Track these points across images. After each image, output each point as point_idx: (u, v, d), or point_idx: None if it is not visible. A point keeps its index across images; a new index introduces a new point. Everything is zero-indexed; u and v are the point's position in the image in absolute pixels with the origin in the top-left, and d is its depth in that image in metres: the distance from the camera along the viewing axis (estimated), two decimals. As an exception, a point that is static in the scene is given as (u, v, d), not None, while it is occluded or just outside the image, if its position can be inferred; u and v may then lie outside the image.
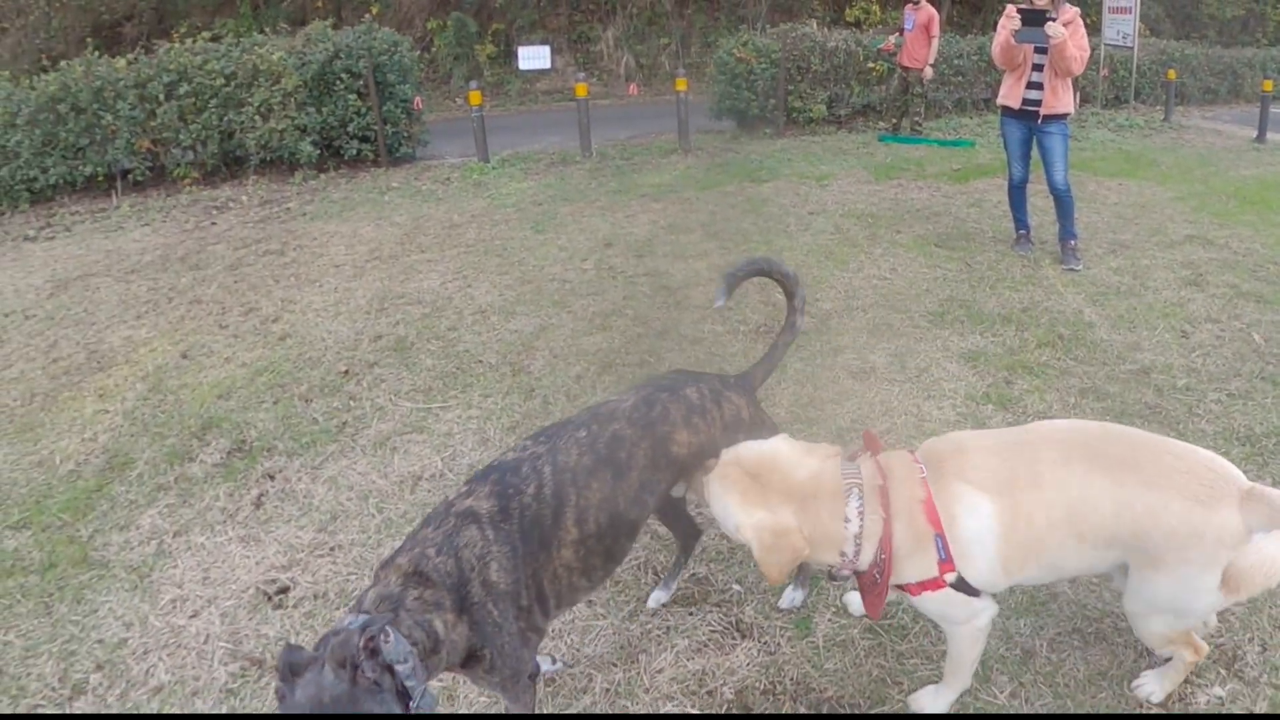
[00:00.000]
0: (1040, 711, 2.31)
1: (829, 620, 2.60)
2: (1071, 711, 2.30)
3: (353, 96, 9.09)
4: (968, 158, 8.83)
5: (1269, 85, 11.10)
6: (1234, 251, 5.45)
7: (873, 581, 1.93)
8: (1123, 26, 12.85)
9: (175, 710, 2.43)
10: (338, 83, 9.06)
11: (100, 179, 8.64)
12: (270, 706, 2.39)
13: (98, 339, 4.90)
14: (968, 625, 2.03)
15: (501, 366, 4.24)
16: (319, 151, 9.00)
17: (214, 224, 7.27)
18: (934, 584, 1.91)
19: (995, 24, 5.69)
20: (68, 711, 2.45)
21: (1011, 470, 1.92)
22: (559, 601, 1.84)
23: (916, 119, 10.64)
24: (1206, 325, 4.37)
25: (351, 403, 3.91)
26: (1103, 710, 2.30)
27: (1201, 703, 2.26)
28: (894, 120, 10.81)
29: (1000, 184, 6.59)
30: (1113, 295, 4.86)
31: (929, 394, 3.83)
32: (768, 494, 1.87)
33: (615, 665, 2.45)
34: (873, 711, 2.30)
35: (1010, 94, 5.51)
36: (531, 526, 1.73)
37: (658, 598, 2.66)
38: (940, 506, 1.89)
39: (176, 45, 9.08)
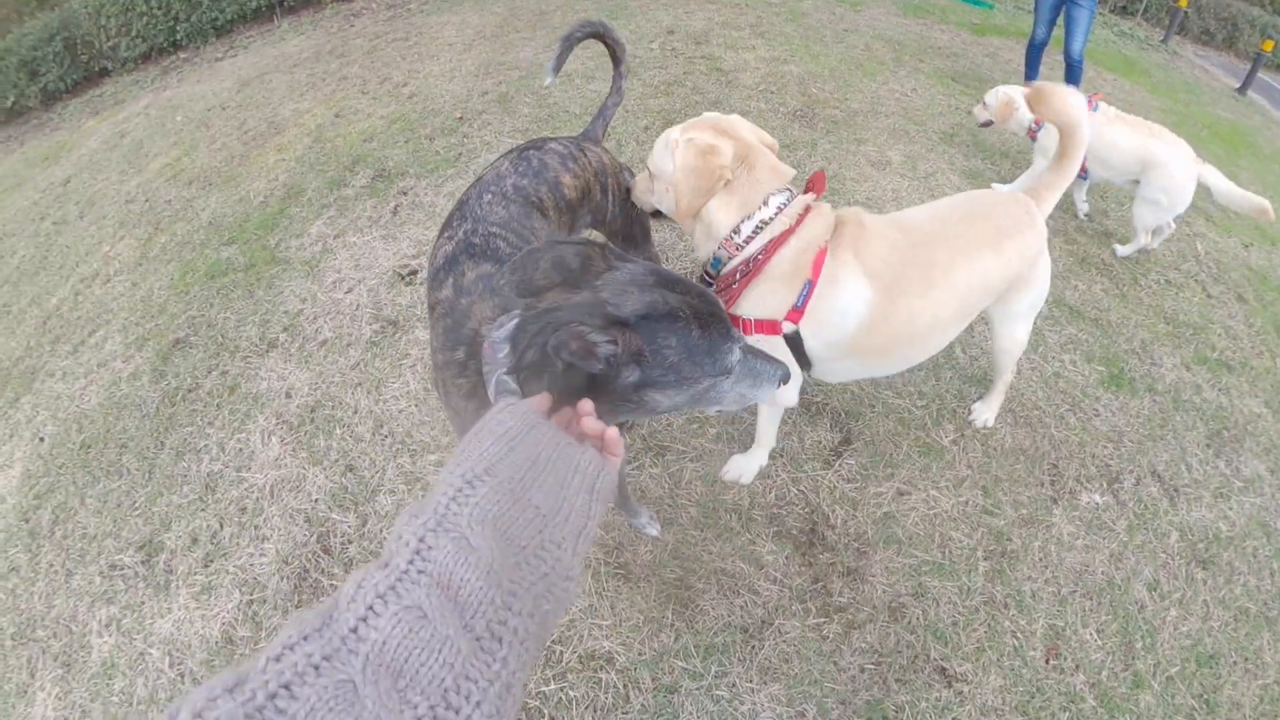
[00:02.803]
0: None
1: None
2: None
3: (457, -80, 7.75)
4: (985, 17, 7.12)
5: (1269, 45, 8.05)
6: (1199, 173, 4.27)
7: (731, 283, 1.43)
8: (1153, -59, 9.33)
9: (335, 354, 2.26)
10: (444, -91, 7.72)
11: (264, 9, 7.86)
12: (397, 359, 2.20)
13: (274, 114, 4.49)
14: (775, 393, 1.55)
15: (584, 115, 3.65)
16: (431, -34, 7.82)
17: (352, 26, 6.49)
18: (771, 326, 1.42)
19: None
20: (265, 359, 2.32)
21: (902, 271, 1.44)
22: None
23: None
24: (1163, 221, 3.52)
25: (465, 140, 3.47)
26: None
27: (1083, 502, 2.05)
28: None
29: (1013, 45, 5.38)
30: (1096, 165, 3.89)
31: (933, 194, 3.18)
32: (718, 134, 1.38)
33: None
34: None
35: None
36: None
37: None
38: (829, 265, 1.40)
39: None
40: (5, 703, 1.67)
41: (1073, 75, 4.44)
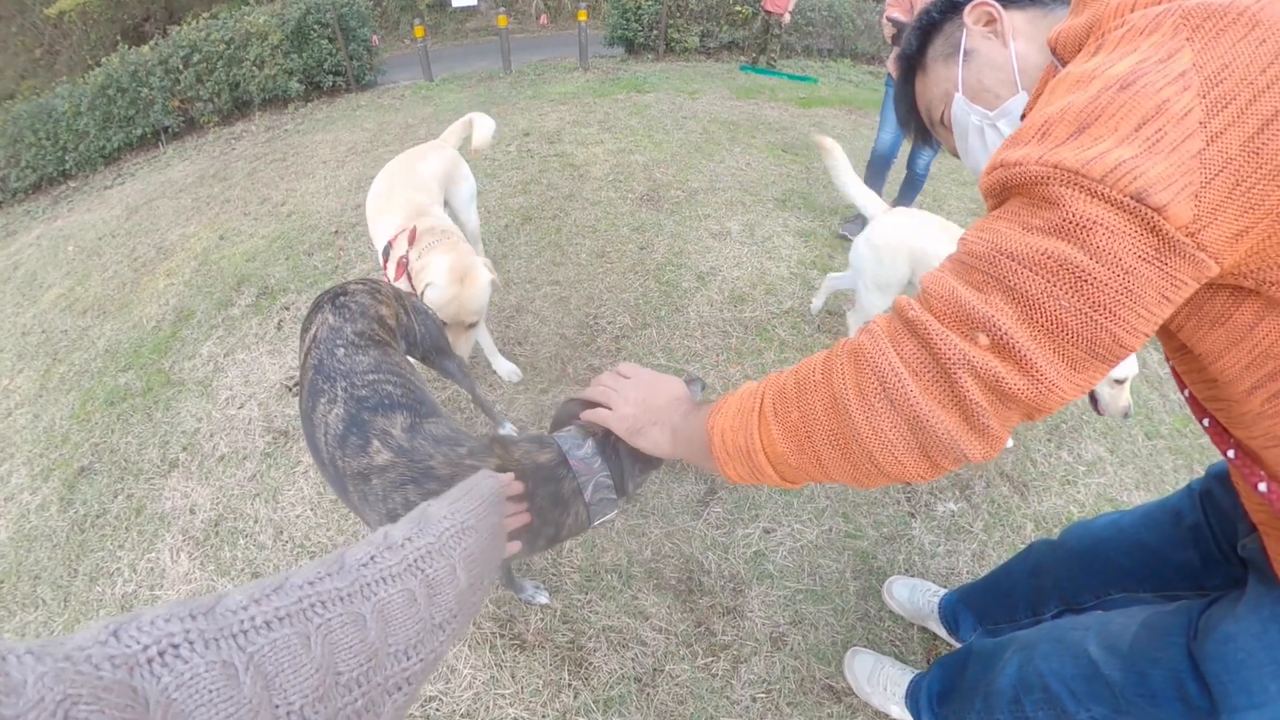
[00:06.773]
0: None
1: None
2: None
3: (325, 41, 7.57)
4: (810, 91, 7.32)
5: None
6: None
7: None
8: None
9: (233, 468, 2.23)
10: (312, 33, 7.51)
11: (149, 136, 7.42)
12: (290, 467, 2.22)
13: (162, 239, 4.27)
14: None
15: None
16: (304, 87, 7.61)
17: (233, 149, 6.23)
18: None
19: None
20: (168, 479, 2.25)
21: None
22: None
23: (772, 56, 8.63)
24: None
25: (341, 253, 3.46)
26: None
27: (939, 512, 1.97)
28: (754, 55, 8.73)
29: (837, 112, 5.29)
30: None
31: (770, 256, 3.30)
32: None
33: (537, 425, 2.27)
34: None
35: None
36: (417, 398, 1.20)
37: (508, 428, 2.19)
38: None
39: (185, 27, 7.49)
40: None
41: (913, 188, 3.53)
